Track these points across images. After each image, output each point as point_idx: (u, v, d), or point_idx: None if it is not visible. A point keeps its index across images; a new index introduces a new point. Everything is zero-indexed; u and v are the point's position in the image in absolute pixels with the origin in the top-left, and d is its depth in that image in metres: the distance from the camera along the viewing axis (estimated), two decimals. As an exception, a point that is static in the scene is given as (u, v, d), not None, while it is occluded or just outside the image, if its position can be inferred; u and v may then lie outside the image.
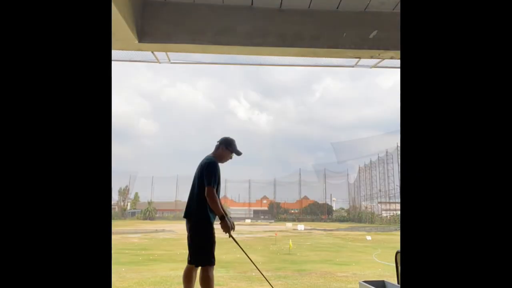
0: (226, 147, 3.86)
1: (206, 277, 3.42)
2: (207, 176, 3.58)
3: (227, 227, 3.56)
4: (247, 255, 3.97)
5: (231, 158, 3.94)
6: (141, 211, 64.50)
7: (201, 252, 3.52)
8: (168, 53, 4.07)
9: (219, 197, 3.70)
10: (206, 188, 3.53)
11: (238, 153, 3.94)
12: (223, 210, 3.58)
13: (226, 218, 3.56)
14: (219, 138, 3.94)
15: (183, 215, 3.78)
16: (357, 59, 4.10)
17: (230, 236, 3.63)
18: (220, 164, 3.79)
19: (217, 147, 3.89)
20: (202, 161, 3.78)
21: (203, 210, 3.57)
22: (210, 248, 3.52)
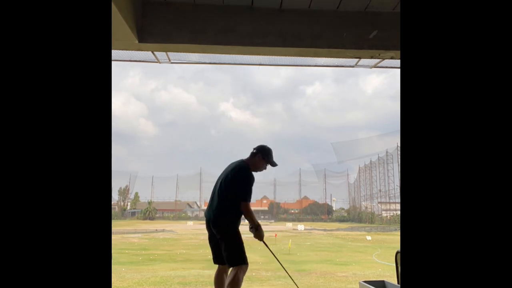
0: (263, 157, 3.71)
1: (236, 278, 3.39)
2: (243, 189, 3.49)
3: (261, 236, 3.61)
4: (279, 261, 4.05)
5: (265, 168, 3.78)
6: (141, 211, 64.55)
7: (233, 253, 3.50)
8: (168, 53, 4.06)
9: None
10: (242, 203, 3.47)
11: (274, 164, 3.79)
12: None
13: (260, 227, 3.60)
14: (256, 146, 3.80)
15: (205, 213, 3.72)
16: (357, 59, 4.09)
17: (264, 242, 3.69)
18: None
19: (253, 155, 3.72)
20: (235, 166, 3.65)
21: (230, 218, 3.55)
22: (239, 249, 3.49)
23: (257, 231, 3.59)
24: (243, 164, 3.66)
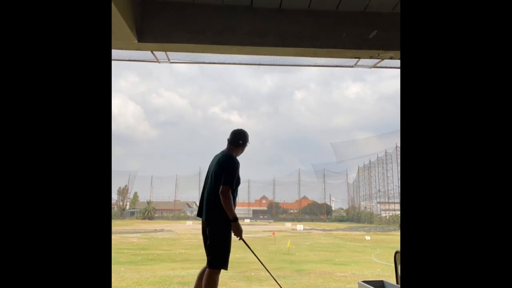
0: (244, 143, 3.69)
1: (211, 280, 3.30)
2: (228, 175, 3.38)
3: (239, 231, 3.41)
4: (258, 258, 3.85)
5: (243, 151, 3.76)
6: (140, 210, 64.53)
7: (215, 254, 3.40)
8: (168, 52, 4.06)
9: (236, 198, 3.52)
10: (221, 187, 3.32)
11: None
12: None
13: (238, 221, 3.40)
14: (229, 135, 3.69)
15: (197, 213, 3.63)
16: (357, 59, 4.10)
17: (241, 239, 3.48)
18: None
19: (242, 145, 3.68)
20: (219, 157, 3.58)
21: (222, 212, 3.39)
22: (226, 252, 3.38)
23: (235, 224, 3.34)
24: (227, 154, 3.60)
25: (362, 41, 3.71)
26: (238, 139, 3.67)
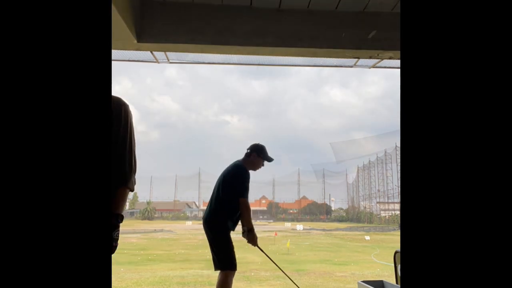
0: (258, 155, 3.77)
1: (224, 282, 3.40)
2: (240, 187, 3.54)
3: (254, 240, 3.53)
4: (276, 265, 3.99)
5: (263, 165, 3.86)
6: (140, 211, 64.54)
7: (222, 256, 3.50)
8: (167, 52, 4.06)
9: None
10: (240, 200, 3.49)
11: (270, 159, 3.85)
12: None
13: (253, 231, 3.53)
14: (249, 146, 3.86)
15: (203, 216, 3.75)
16: (356, 59, 4.10)
17: (258, 247, 3.61)
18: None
19: (248, 155, 3.79)
20: (231, 167, 3.73)
21: (222, 219, 3.54)
22: (230, 252, 3.49)
23: (250, 235, 3.50)
24: (238, 163, 3.74)
25: (361, 41, 3.71)
26: (247, 149, 3.83)
